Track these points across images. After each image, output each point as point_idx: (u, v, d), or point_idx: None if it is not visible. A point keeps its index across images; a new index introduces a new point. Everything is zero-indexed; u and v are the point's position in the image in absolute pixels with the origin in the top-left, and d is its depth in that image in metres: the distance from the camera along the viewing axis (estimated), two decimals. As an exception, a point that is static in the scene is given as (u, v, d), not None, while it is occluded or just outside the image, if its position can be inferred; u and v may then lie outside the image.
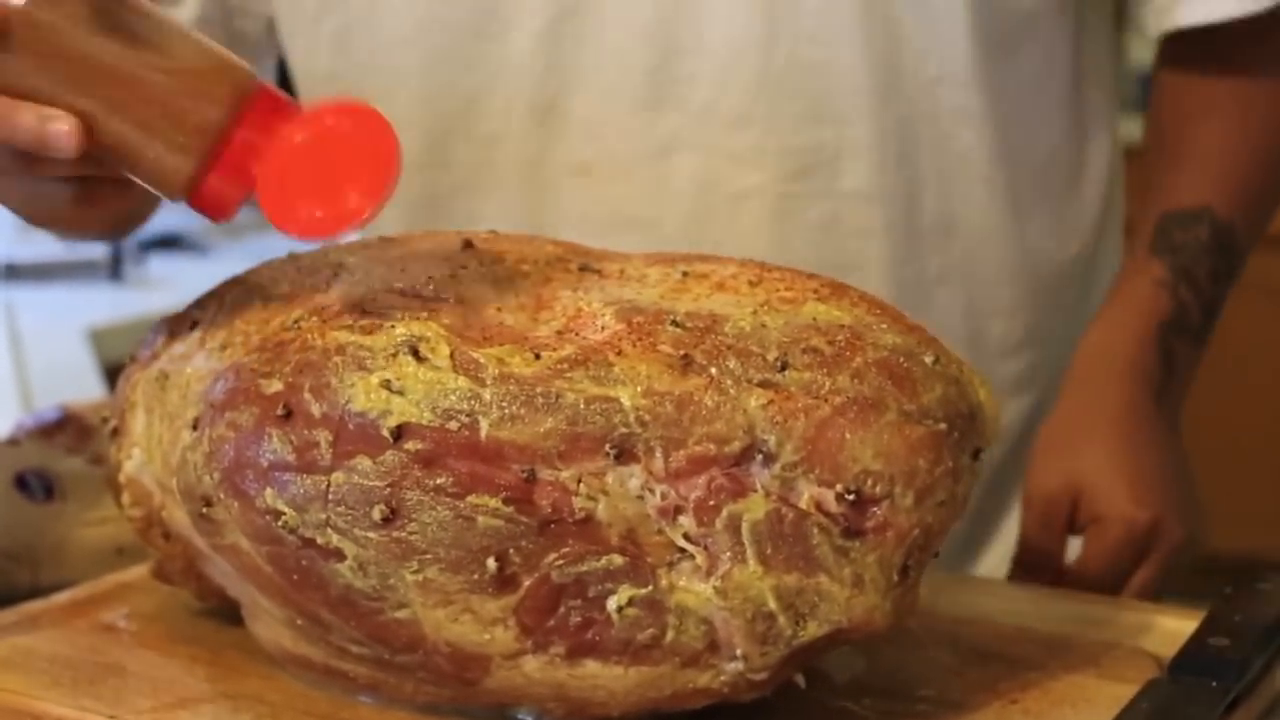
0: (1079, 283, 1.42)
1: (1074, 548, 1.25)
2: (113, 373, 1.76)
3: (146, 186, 0.96)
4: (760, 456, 0.90)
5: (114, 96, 0.94)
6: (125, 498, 1.08)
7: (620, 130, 1.31)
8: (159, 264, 2.99)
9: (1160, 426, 1.28)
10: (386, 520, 0.91)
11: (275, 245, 1.07)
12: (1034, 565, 1.24)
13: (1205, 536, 1.28)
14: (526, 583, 0.91)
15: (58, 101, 0.93)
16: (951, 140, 1.33)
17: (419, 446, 0.91)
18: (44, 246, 3.03)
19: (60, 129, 0.92)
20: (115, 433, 1.08)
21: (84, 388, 2.10)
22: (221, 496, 0.96)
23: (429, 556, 0.91)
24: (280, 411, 0.94)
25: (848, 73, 1.29)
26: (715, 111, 1.30)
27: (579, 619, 0.91)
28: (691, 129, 1.30)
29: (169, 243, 3.10)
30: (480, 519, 0.90)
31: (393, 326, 0.94)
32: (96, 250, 2.97)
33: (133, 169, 0.96)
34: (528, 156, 1.34)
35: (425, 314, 0.95)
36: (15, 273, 2.85)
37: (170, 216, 3.32)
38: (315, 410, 0.93)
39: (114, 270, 2.91)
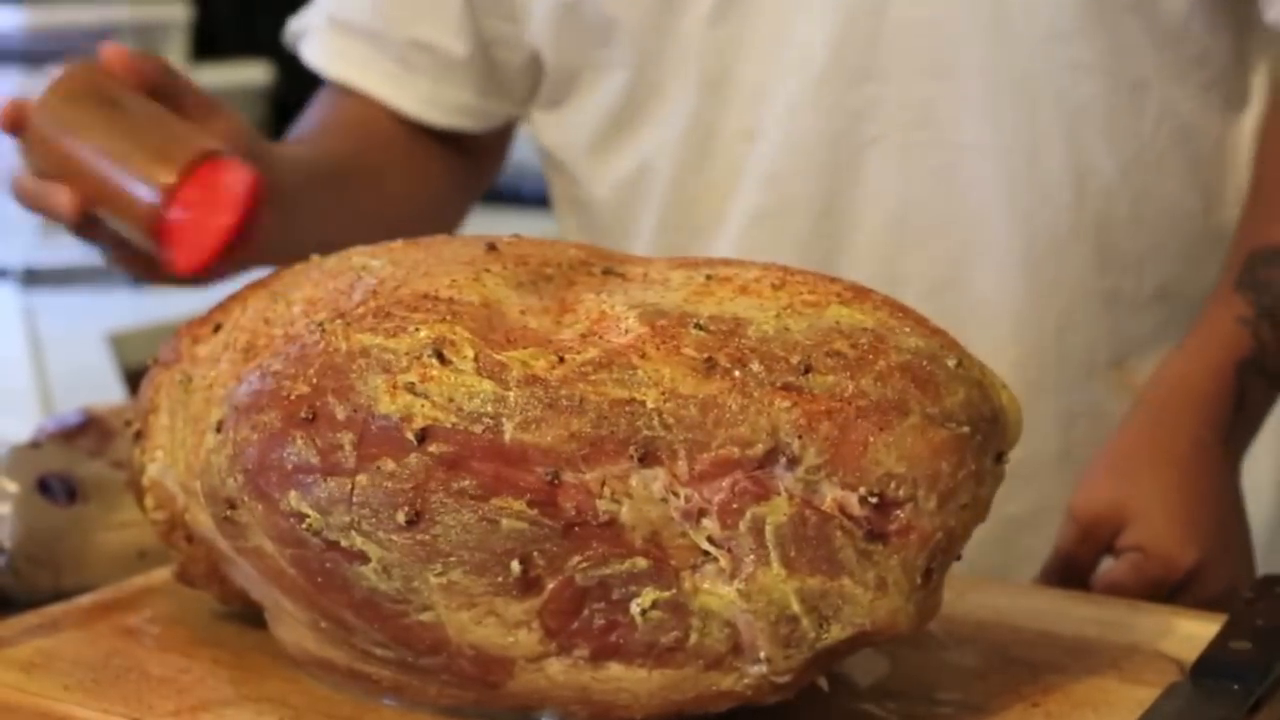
0: (1216, 245, 1.40)
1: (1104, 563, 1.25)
2: (133, 377, 1.76)
3: (129, 234, 1.18)
4: (784, 459, 0.91)
5: (98, 172, 1.17)
6: (148, 501, 1.08)
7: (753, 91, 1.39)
8: (178, 269, 2.99)
9: (1222, 470, 1.27)
10: (411, 523, 0.91)
11: (295, 252, 1.08)
12: (1064, 577, 1.23)
13: (1249, 577, 1.27)
14: (550, 585, 0.91)
15: (64, 179, 1.17)
16: (1071, 95, 1.36)
17: (443, 449, 0.91)
18: (64, 251, 3.03)
19: (60, 200, 1.17)
20: (138, 436, 1.08)
21: (105, 392, 2.10)
22: (245, 499, 0.96)
23: (453, 559, 0.91)
24: (304, 414, 0.94)
25: (957, 27, 1.35)
26: (835, 69, 1.36)
27: (603, 622, 0.91)
28: (813, 87, 1.36)
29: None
30: (504, 522, 0.91)
31: (417, 329, 0.94)
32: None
33: (118, 226, 1.18)
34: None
35: (449, 317, 0.95)
36: (35, 277, 2.85)
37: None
38: (339, 413, 0.93)
39: (134, 275, 2.90)
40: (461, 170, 1.54)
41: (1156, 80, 1.37)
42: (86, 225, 1.19)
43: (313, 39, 1.50)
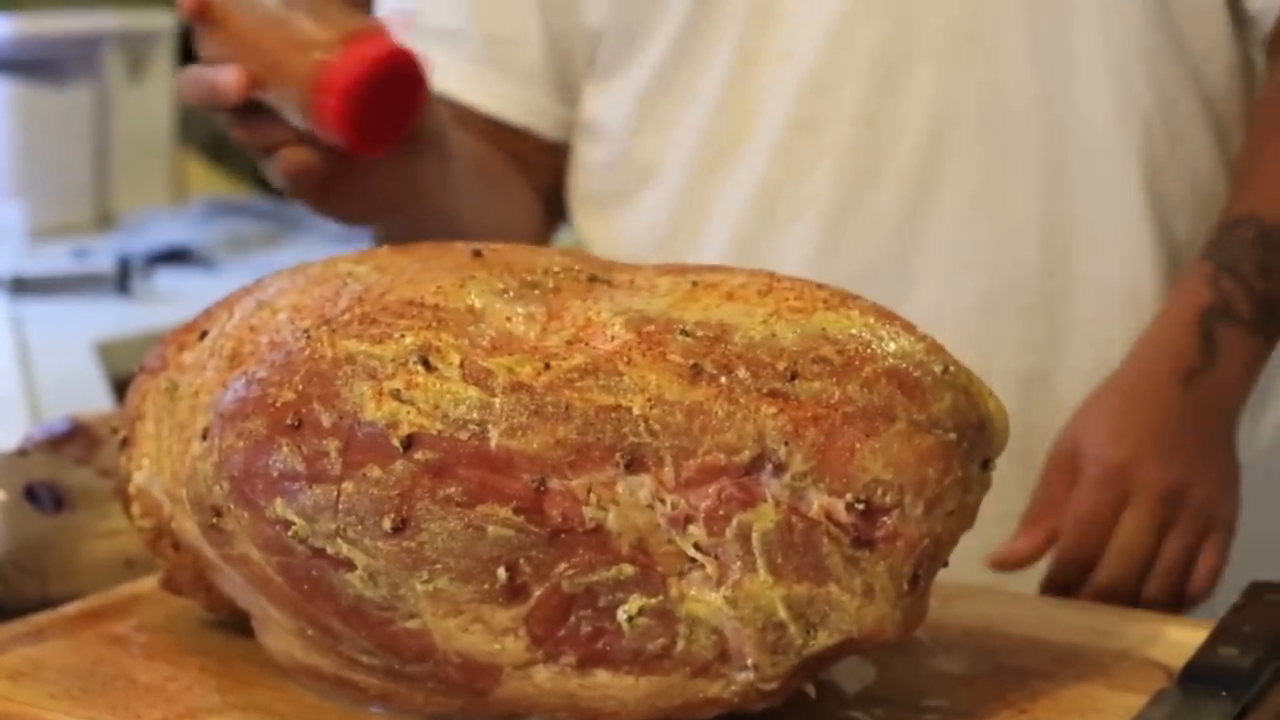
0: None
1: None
2: (121, 385, 1.76)
3: (293, 112, 1.20)
4: (770, 466, 0.91)
5: (262, 47, 1.20)
6: (135, 508, 1.08)
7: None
8: (166, 278, 2.99)
9: (1172, 395, 1.30)
10: (397, 530, 0.91)
11: (281, 261, 1.08)
12: (1034, 518, 1.28)
13: (1231, 507, 1.31)
14: (537, 592, 0.91)
15: (235, 62, 1.20)
16: (1113, 21, 1.40)
17: (429, 456, 0.91)
18: (51, 260, 3.03)
19: (225, 78, 1.19)
20: (125, 443, 1.08)
21: (92, 401, 2.10)
22: (231, 507, 0.96)
23: (439, 566, 0.91)
24: (290, 421, 0.94)
25: None
26: None
27: (589, 629, 0.91)
28: (861, 5, 1.41)
29: (176, 257, 3.10)
30: (490, 529, 0.91)
31: (402, 336, 0.94)
32: (104, 263, 2.97)
33: (284, 105, 1.21)
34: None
35: (435, 323, 0.95)
36: (23, 286, 2.84)
37: (178, 230, 3.30)
38: (325, 420, 0.93)
39: (121, 284, 2.90)
40: (532, 200, 1.53)
41: (1188, 45, 1.41)
42: (247, 113, 1.21)
43: None
